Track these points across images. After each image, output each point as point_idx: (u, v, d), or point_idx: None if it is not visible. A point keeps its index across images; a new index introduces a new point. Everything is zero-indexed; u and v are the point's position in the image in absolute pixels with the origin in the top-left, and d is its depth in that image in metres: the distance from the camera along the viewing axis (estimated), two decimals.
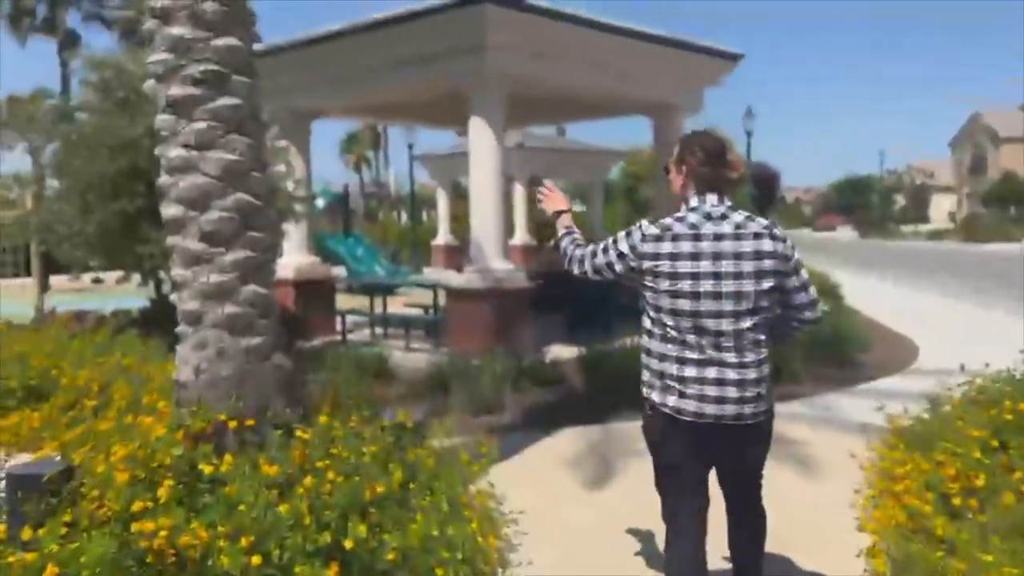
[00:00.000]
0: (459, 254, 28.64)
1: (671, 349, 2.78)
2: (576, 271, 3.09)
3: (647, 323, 2.88)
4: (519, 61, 9.10)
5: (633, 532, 4.19)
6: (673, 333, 2.77)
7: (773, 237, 2.80)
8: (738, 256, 2.74)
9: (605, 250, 2.94)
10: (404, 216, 43.62)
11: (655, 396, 2.85)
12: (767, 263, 2.76)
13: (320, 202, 19.40)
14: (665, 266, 2.74)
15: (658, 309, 2.80)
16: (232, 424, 3.27)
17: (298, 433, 3.27)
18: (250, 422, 3.30)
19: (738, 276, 2.73)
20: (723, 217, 2.80)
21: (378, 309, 11.34)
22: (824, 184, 78.58)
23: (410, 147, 25.42)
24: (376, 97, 10.55)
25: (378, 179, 59.26)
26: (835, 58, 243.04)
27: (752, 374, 2.77)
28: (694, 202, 2.83)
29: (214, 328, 3.51)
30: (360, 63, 9.83)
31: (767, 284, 2.76)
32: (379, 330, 11.42)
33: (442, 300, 10.02)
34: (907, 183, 69.66)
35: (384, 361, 8.49)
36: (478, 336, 9.06)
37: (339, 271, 17.99)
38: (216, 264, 3.54)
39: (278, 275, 11.60)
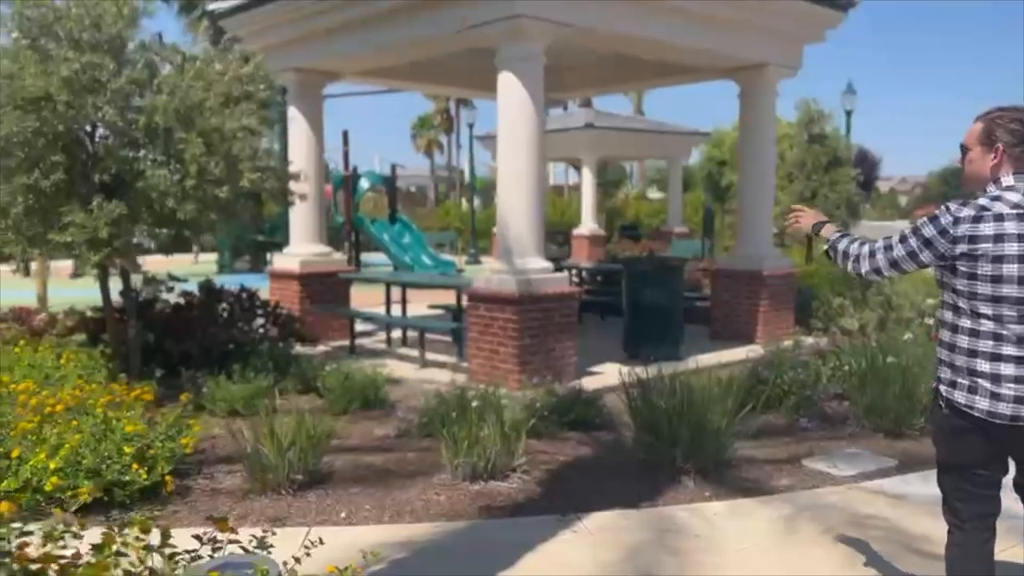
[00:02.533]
0: None
1: (984, 345, 2.60)
2: (864, 269, 2.83)
3: (948, 315, 2.71)
4: (560, 3, 7.05)
5: None
6: (989, 325, 2.59)
7: None
8: None
9: (903, 240, 2.72)
10: (478, 201, 41.95)
11: (959, 397, 2.66)
12: None
13: (364, 184, 17.70)
14: (987, 248, 2.55)
15: (972, 297, 2.61)
16: None
17: None
18: None
19: None
20: None
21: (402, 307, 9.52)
22: (923, 172, 73.64)
23: (470, 127, 23.57)
24: (392, 54, 8.65)
25: (450, 163, 57.75)
26: (928, 29, 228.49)
27: None
28: (1009, 180, 2.64)
29: None
30: (369, 10, 7.93)
31: None
32: (398, 333, 9.60)
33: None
34: None
35: (378, 386, 6.60)
36: (500, 354, 7.10)
37: (380, 259, 16.32)
38: None
39: (282, 268, 9.93)
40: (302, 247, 9.63)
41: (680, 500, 4.54)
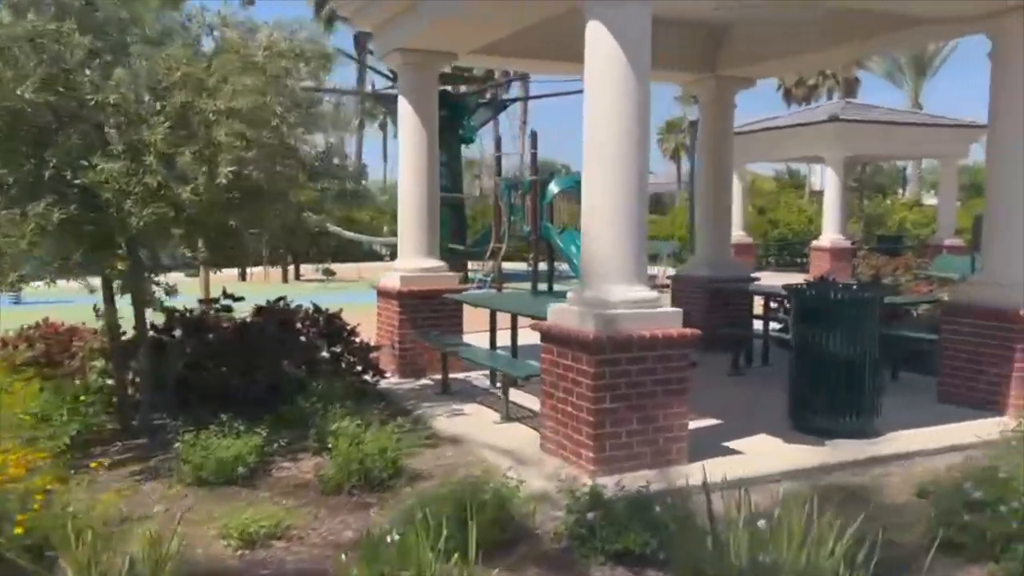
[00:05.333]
0: (751, 254, 23.58)
1: None
2: None
3: None
4: None
5: None
6: None
7: None
8: None
9: None
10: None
11: None
12: None
13: (553, 189, 16.03)
14: None
15: None
16: None
17: None
18: None
19: None
20: None
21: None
22: None
23: (692, 124, 21.05)
24: (492, 20, 6.86)
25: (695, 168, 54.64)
26: None
27: None
28: None
29: None
30: None
31: None
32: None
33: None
34: None
35: (388, 457, 4.84)
36: (576, 420, 5.08)
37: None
38: None
39: (384, 285, 8.46)
40: (408, 261, 8.12)
41: None
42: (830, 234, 20.23)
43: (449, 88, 20.54)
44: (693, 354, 5.32)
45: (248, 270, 19.92)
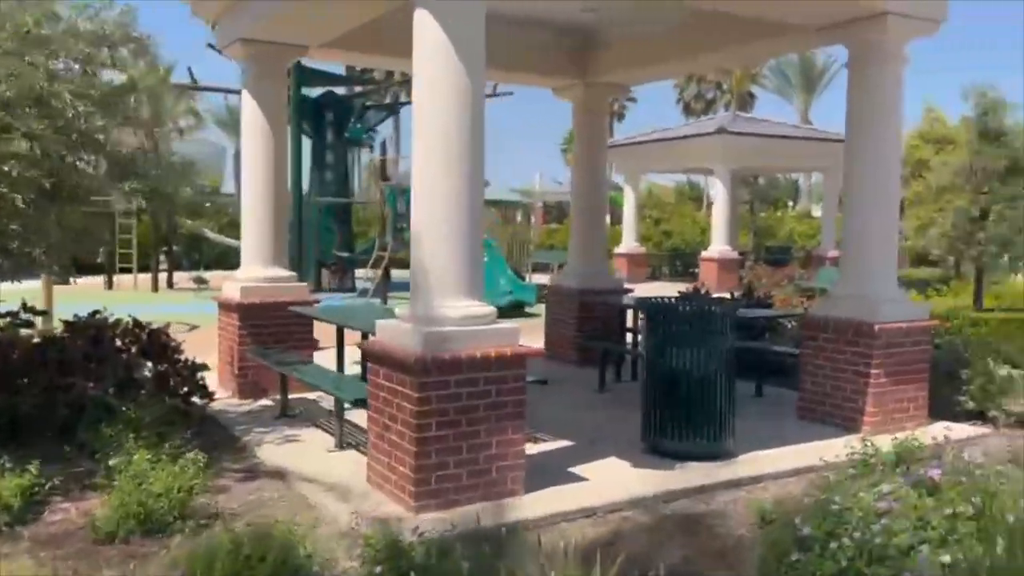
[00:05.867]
0: (644, 264, 23.70)
1: None
2: None
3: None
4: None
5: None
6: None
7: None
8: None
9: None
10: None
11: None
12: None
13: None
14: None
15: None
16: None
17: None
18: None
19: None
20: None
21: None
22: None
23: None
24: (321, 21, 6.34)
25: None
26: None
27: None
28: None
29: None
30: None
31: None
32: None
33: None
34: None
35: (172, 496, 4.24)
36: (400, 449, 4.61)
37: None
38: None
39: (224, 296, 7.78)
40: (250, 270, 7.47)
41: None
42: (718, 245, 20.44)
43: (342, 90, 19.76)
44: (560, 369, 4.95)
45: (115, 278, 18.69)
